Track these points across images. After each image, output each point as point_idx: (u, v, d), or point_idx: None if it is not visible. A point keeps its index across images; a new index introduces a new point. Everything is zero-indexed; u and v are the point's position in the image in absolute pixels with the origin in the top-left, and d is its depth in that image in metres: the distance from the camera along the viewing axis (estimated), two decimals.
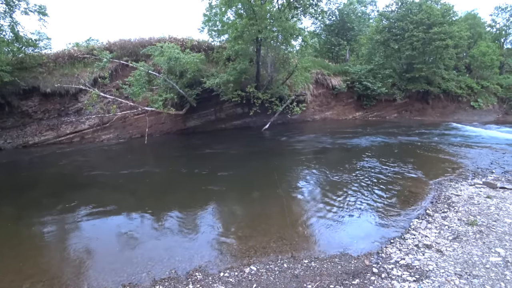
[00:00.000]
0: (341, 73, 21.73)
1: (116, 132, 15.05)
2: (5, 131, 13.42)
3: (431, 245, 4.08)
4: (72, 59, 14.96)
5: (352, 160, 9.25)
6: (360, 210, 5.59)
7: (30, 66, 13.81)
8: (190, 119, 16.56)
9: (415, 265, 3.61)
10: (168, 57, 13.01)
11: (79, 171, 9.33)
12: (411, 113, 23.18)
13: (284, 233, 4.68)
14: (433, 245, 4.08)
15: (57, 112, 14.24)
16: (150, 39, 16.27)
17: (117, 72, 15.19)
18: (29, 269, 4.02)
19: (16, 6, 13.17)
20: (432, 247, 4.02)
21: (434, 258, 3.74)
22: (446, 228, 4.61)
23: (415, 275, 3.41)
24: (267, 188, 7.23)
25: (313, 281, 3.45)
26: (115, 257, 4.25)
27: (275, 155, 10.90)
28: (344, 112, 21.92)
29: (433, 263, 3.62)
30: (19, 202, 6.84)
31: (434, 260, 3.69)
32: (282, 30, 13.47)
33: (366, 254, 4.03)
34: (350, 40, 27.88)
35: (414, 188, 6.61)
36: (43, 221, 5.64)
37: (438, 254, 3.84)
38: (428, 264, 3.61)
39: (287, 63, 16.12)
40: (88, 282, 3.69)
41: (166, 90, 13.63)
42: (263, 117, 16.47)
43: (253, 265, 3.83)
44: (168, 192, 7.17)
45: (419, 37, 19.83)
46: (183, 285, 3.50)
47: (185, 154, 11.91)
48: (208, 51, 16.96)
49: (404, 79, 22.16)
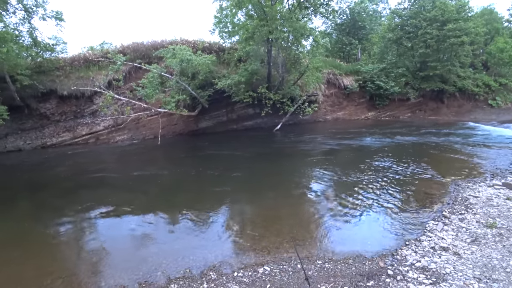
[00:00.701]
0: (353, 72, 21.48)
1: (130, 133, 15.36)
2: (25, 132, 13.92)
3: (448, 247, 3.99)
4: (87, 63, 15.38)
5: (365, 161, 9.14)
6: (373, 211, 5.52)
7: (48, 69, 14.29)
8: (202, 120, 16.73)
9: (432, 268, 3.54)
10: (180, 59, 13.18)
11: (94, 172, 9.57)
12: (425, 112, 22.67)
13: (297, 234, 4.68)
14: (450, 247, 4.00)
15: (73, 114, 14.67)
16: (162, 42, 16.52)
17: (131, 75, 15.51)
18: (49, 266, 4.17)
19: (34, 13, 13.66)
20: (449, 250, 3.94)
21: (452, 261, 3.66)
22: (464, 230, 4.50)
23: (432, 278, 3.34)
24: (279, 189, 7.24)
25: (327, 282, 3.43)
26: (130, 256, 4.34)
27: (287, 156, 10.88)
28: (356, 112, 21.65)
29: (451, 266, 3.55)
30: (37, 201, 7.11)
31: (451, 263, 3.62)
32: (292, 30, 13.45)
33: (380, 256, 3.99)
34: (362, 39, 27.51)
35: (429, 189, 6.47)
36: (60, 220, 5.83)
37: (455, 257, 3.75)
38: (445, 267, 3.54)
39: (298, 63, 16.08)
40: (105, 279, 3.78)
41: (179, 91, 13.82)
42: (274, 118, 16.47)
43: (266, 265, 3.84)
44: (180, 193, 7.26)
45: (433, 35, 19.38)
46: (198, 284, 3.55)
47: (197, 155, 12.04)
48: (219, 53, 17.10)
49: (418, 78, 21.70)
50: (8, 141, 13.53)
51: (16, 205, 6.95)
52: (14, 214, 6.31)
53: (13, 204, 6.95)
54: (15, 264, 4.22)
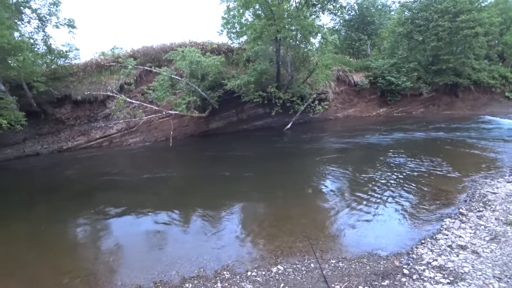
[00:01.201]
0: (363, 68, 21.17)
1: (142, 135, 15.63)
2: (42, 137, 14.36)
3: (466, 246, 3.89)
4: (99, 68, 15.74)
5: (377, 158, 9.01)
6: (387, 209, 5.44)
7: (62, 76, 14.70)
8: (213, 121, 16.84)
9: (449, 267, 3.46)
10: (190, 61, 13.31)
11: (108, 174, 9.79)
12: (439, 107, 22.13)
13: (310, 233, 4.66)
14: (468, 246, 3.89)
15: (87, 118, 15.04)
16: (172, 45, 16.72)
17: (142, 78, 15.78)
18: (67, 266, 4.30)
19: (48, 21, 14.10)
20: (467, 248, 3.84)
21: (470, 260, 3.57)
22: (482, 228, 4.37)
23: (449, 277, 3.27)
24: (291, 188, 7.23)
25: (341, 281, 3.41)
26: (145, 256, 4.42)
27: (298, 155, 10.84)
28: (368, 108, 21.34)
29: (469, 265, 3.46)
30: (53, 204, 7.33)
31: (470, 262, 3.53)
32: (300, 28, 13.36)
33: (395, 255, 3.93)
34: (371, 35, 27.07)
35: (445, 186, 6.32)
36: (76, 221, 6.01)
37: (474, 256, 3.66)
38: (463, 266, 3.45)
39: (307, 61, 15.97)
40: (121, 278, 3.87)
41: (189, 93, 13.97)
42: (284, 117, 16.42)
43: (280, 265, 3.85)
44: (193, 193, 7.35)
45: (445, 27, 18.88)
46: (212, 283, 3.59)
47: (208, 155, 12.15)
48: (228, 53, 17.17)
49: (430, 72, 21.20)
50: (26, 146, 14.00)
51: (34, 207, 7.20)
52: (32, 216, 6.53)
53: (31, 207, 7.20)
54: (34, 264, 4.38)
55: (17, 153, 13.72)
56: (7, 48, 11.19)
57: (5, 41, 10.69)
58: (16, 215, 6.61)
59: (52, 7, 13.94)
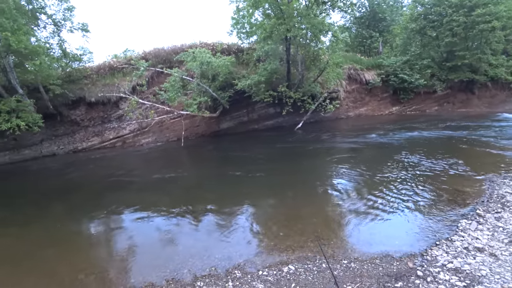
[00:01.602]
0: (374, 66, 20.85)
1: (154, 136, 15.88)
2: (58, 138, 14.81)
3: (484, 248, 3.78)
4: (112, 70, 16.09)
5: (390, 157, 8.84)
6: (400, 209, 5.33)
7: (77, 78, 15.13)
8: (223, 121, 16.95)
9: (465, 270, 3.37)
10: (200, 62, 13.44)
11: (121, 174, 10.00)
12: (453, 105, 21.55)
13: (321, 233, 4.63)
14: (485, 248, 3.78)
15: (101, 119, 15.40)
16: (182, 46, 16.91)
17: (153, 79, 16.03)
18: (82, 263, 4.42)
19: (63, 26, 14.54)
20: (484, 251, 3.73)
21: (488, 263, 3.46)
22: (501, 230, 4.23)
23: (465, 280, 3.18)
24: (302, 188, 7.19)
25: (353, 282, 3.37)
26: (157, 254, 4.49)
27: (309, 154, 10.77)
28: (380, 107, 20.99)
29: (486, 268, 3.36)
30: (69, 203, 7.55)
31: (487, 265, 3.42)
32: (311, 27, 13.27)
33: (409, 256, 3.85)
34: (383, 32, 26.61)
35: (461, 186, 6.15)
36: (91, 220, 6.17)
37: (492, 259, 3.55)
38: (480, 269, 3.35)
39: (317, 60, 15.85)
40: (134, 276, 3.95)
41: (200, 93, 14.10)
42: (295, 116, 16.35)
43: (291, 264, 3.84)
44: (204, 193, 7.40)
45: (460, 22, 18.33)
46: (223, 282, 3.62)
47: (220, 155, 12.23)
48: (238, 54, 17.25)
49: (445, 69, 20.66)
50: (44, 147, 14.46)
51: (51, 207, 7.43)
52: (50, 215, 6.76)
53: (48, 206, 7.44)
54: (51, 260, 4.53)
55: (35, 153, 14.19)
56: (24, 53, 11.60)
57: (22, 46, 11.07)
58: (35, 214, 6.85)
59: (66, 12, 14.39)
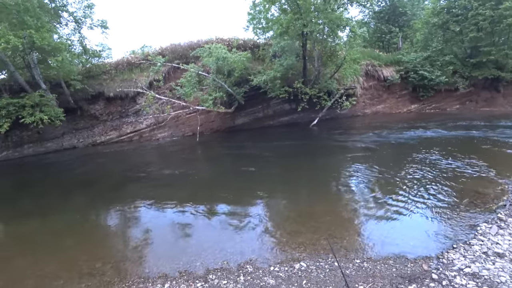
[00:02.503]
0: (393, 63, 20.25)
1: (170, 130, 16.17)
2: (78, 131, 15.35)
3: (504, 254, 3.63)
4: (130, 66, 16.46)
5: (407, 157, 8.62)
6: (417, 210, 5.20)
7: (96, 74, 15.59)
8: (239, 116, 17.02)
9: (483, 275, 3.26)
10: (216, 58, 13.51)
11: (138, 167, 10.27)
12: (476, 103, 20.65)
13: (334, 231, 4.59)
14: (506, 254, 3.63)
15: (119, 114, 15.83)
16: (198, 42, 17.06)
17: (170, 75, 16.28)
18: (99, 252, 4.60)
19: (83, 23, 14.96)
20: (505, 256, 3.58)
21: (508, 269, 3.33)
22: None
23: (483, 286, 3.07)
24: (316, 185, 7.15)
25: (365, 282, 3.34)
26: (171, 246, 4.61)
27: (324, 152, 10.66)
28: (398, 105, 20.43)
29: (506, 275, 3.23)
30: (87, 195, 7.85)
31: (507, 271, 3.29)
32: (328, 22, 13.04)
33: (424, 258, 3.76)
34: (403, 26, 25.73)
35: (482, 188, 5.91)
36: (108, 212, 6.40)
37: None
38: (499, 275, 3.23)
39: (334, 56, 15.59)
40: (148, 266, 4.07)
41: (216, 89, 14.20)
42: (311, 113, 16.20)
43: (303, 262, 3.84)
44: (218, 188, 7.49)
45: (486, 16, 17.44)
46: (235, 276, 3.66)
47: (234, 151, 12.31)
48: (254, 49, 17.22)
49: (468, 65, 19.79)
50: (65, 140, 15.04)
51: (70, 198, 7.75)
52: (69, 206, 7.04)
53: (68, 198, 7.76)
54: (70, 250, 4.72)
55: (57, 146, 14.79)
56: (47, 49, 12.05)
57: (46, 43, 11.50)
58: (55, 204, 7.19)
59: (86, 9, 14.79)
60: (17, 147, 14.02)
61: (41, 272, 4.13)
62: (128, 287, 3.66)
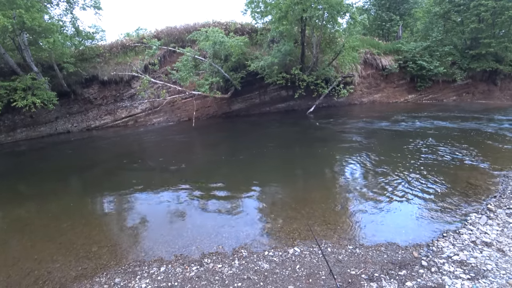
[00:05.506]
0: (392, 52, 20.07)
1: (166, 115, 16.02)
2: (72, 116, 15.14)
3: (492, 243, 3.74)
4: (124, 49, 16.09)
5: (403, 146, 8.70)
6: (409, 199, 5.30)
7: (90, 57, 15.19)
8: (235, 102, 16.89)
9: (471, 263, 3.37)
10: (213, 42, 13.24)
11: (133, 152, 10.24)
12: (473, 95, 20.72)
13: (328, 218, 4.68)
14: (493, 243, 3.74)
15: (113, 98, 15.59)
16: (195, 25, 16.66)
17: (165, 59, 15.97)
18: (96, 236, 4.64)
19: (75, 3, 14.44)
20: (492, 245, 3.69)
21: (494, 258, 3.44)
22: (511, 226, 4.17)
23: (470, 273, 3.18)
24: (311, 172, 7.22)
25: (357, 267, 3.43)
26: (167, 231, 4.66)
27: (320, 139, 10.69)
28: (395, 94, 20.41)
29: (493, 263, 3.34)
30: (84, 179, 7.87)
31: (493, 260, 3.40)
32: (328, 7, 12.75)
33: (414, 246, 3.87)
34: (404, 15, 25.38)
35: (474, 179, 6.02)
36: (104, 196, 6.41)
37: (499, 254, 3.52)
38: (486, 263, 3.34)
39: (333, 42, 15.38)
40: (144, 250, 4.13)
41: (212, 74, 14.00)
42: (308, 100, 16.13)
43: (296, 247, 3.92)
44: (213, 173, 7.51)
45: (489, 6, 17.26)
46: (230, 260, 3.74)
47: (230, 137, 12.28)
48: (251, 34, 16.89)
49: (467, 57, 19.71)
50: (59, 124, 14.84)
51: (66, 183, 7.75)
52: (65, 191, 7.05)
53: (64, 182, 7.75)
54: (67, 233, 4.74)
55: (50, 130, 14.61)
56: (38, 30, 11.66)
57: (36, 23, 11.10)
58: (51, 188, 7.17)
59: None
60: (9, 132, 13.81)
61: (37, 256, 4.16)
62: (124, 270, 3.71)
